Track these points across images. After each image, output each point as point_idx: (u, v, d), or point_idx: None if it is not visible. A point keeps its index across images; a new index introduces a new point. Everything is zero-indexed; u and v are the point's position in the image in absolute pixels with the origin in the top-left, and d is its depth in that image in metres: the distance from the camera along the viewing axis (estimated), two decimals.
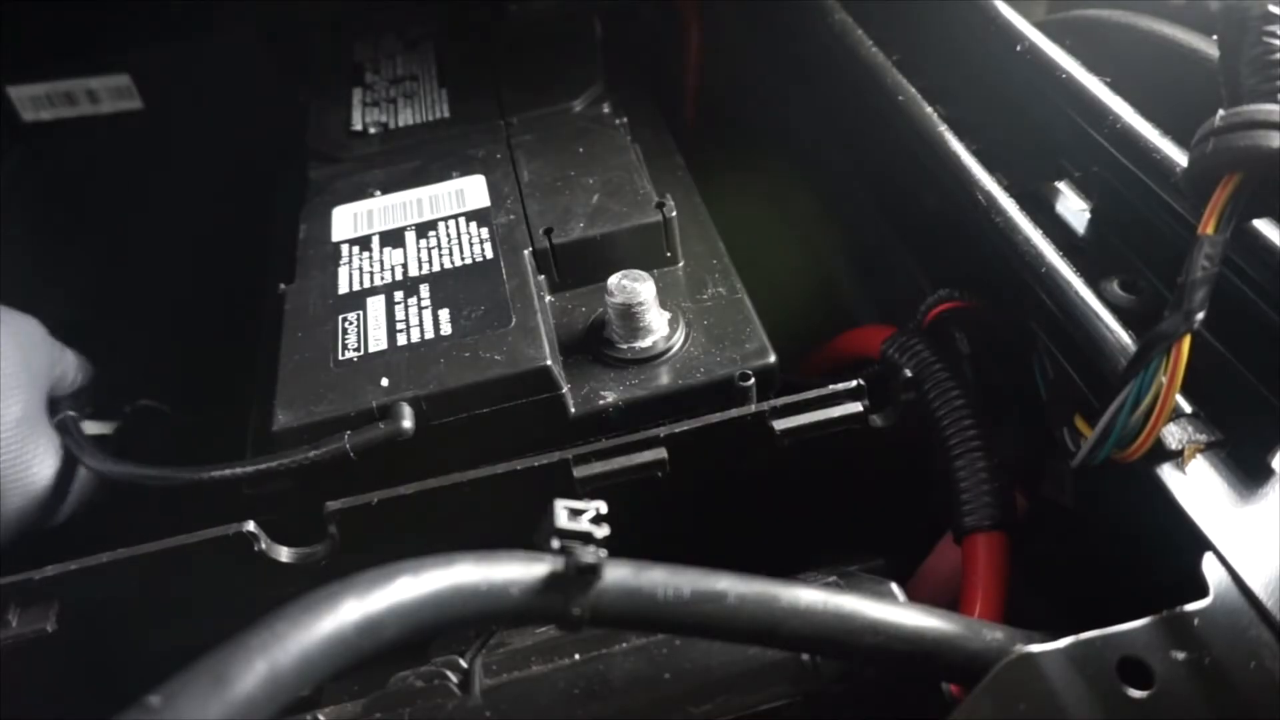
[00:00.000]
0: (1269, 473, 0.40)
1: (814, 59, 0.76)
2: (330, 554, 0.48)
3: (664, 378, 0.54)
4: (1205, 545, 0.38)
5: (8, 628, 0.45)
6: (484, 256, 0.59)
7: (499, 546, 0.33)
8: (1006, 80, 0.62)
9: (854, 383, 0.48)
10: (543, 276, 0.59)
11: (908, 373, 0.52)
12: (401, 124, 0.73)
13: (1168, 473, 0.41)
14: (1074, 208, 0.61)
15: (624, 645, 0.39)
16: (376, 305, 0.57)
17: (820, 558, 0.49)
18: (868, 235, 0.74)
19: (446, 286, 0.57)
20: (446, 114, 0.73)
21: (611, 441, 0.48)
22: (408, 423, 0.50)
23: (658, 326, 0.55)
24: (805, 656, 0.37)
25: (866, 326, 0.61)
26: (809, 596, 0.35)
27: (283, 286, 0.60)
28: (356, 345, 0.55)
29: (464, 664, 0.41)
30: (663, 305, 0.56)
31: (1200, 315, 0.40)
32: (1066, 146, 0.59)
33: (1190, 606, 0.36)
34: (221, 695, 0.27)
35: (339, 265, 0.60)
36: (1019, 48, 0.60)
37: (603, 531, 0.34)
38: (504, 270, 0.58)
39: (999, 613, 0.45)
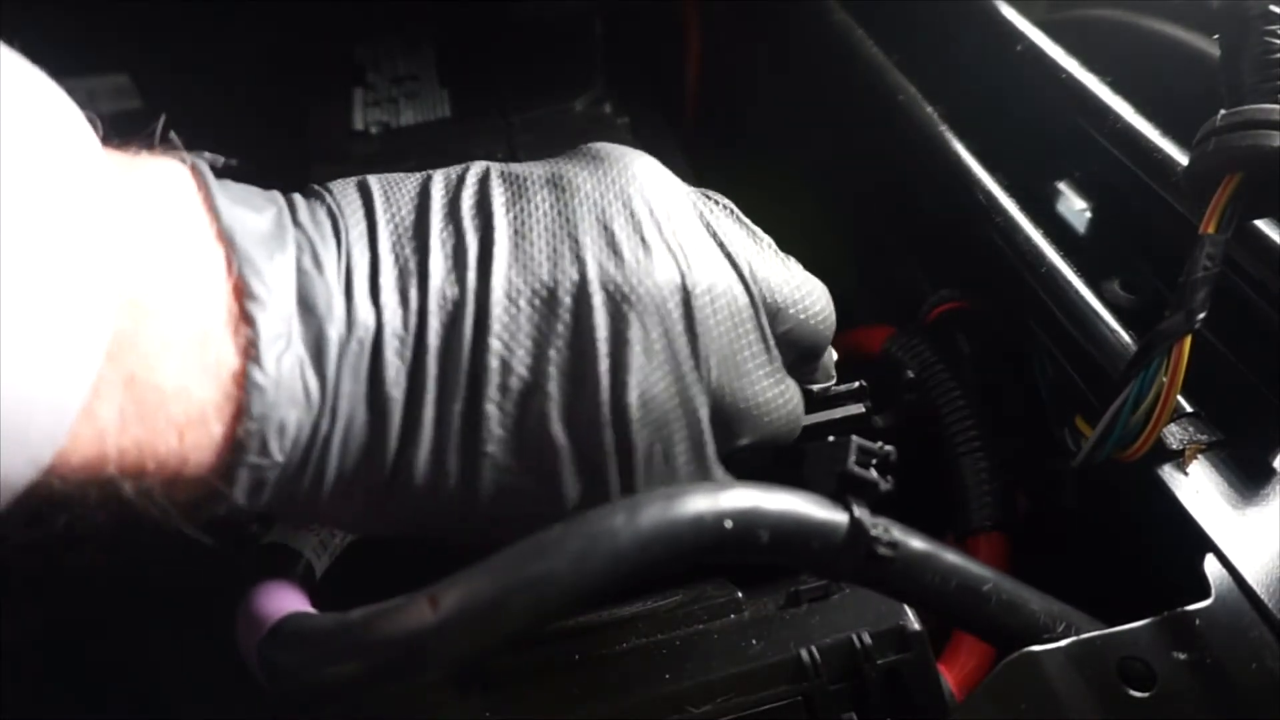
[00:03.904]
0: (1270, 473, 0.40)
1: (814, 59, 0.76)
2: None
3: None
4: (1206, 545, 0.38)
5: (9, 628, 0.45)
6: None
7: None
8: (1006, 80, 0.61)
9: (856, 384, 0.48)
10: None
11: (910, 373, 0.52)
12: (403, 124, 0.73)
13: (1169, 473, 0.41)
14: (1074, 208, 0.61)
15: (624, 645, 0.39)
16: None
17: None
18: (868, 235, 0.74)
19: None
20: (448, 114, 0.73)
21: None
22: None
23: None
24: (805, 657, 0.37)
25: (868, 326, 0.61)
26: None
27: None
28: None
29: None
30: None
31: (1202, 315, 0.40)
32: (1066, 146, 0.59)
33: (1191, 607, 0.36)
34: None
35: None
36: (1019, 47, 0.60)
37: (887, 485, 0.36)
38: None
39: None
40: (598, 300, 0.36)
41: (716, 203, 0.42)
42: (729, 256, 0.39)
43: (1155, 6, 0.64)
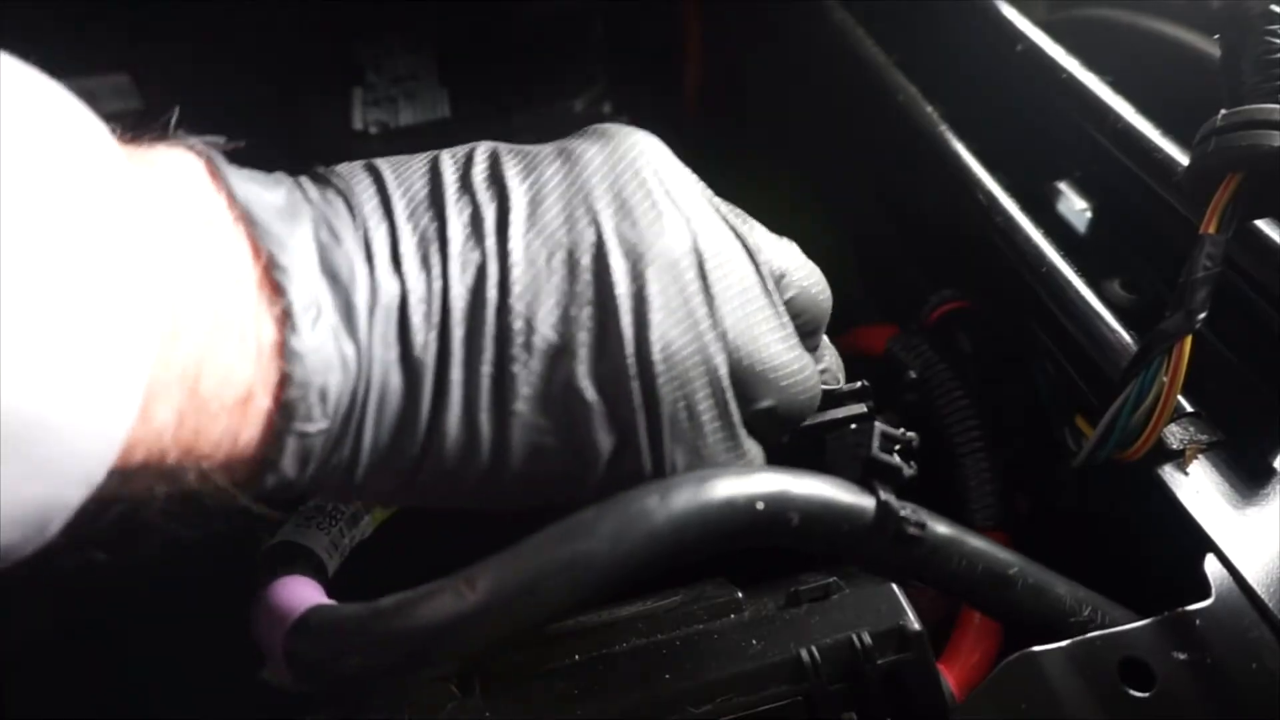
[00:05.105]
0: (1270, 473, 0.40)
1: (814, 58, 0.76)
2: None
3: None
4: (1207, 545, 0.38)
5: (11, 628, 0.45)
6: None
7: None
8: (1007, 80, 0.61)
9: (858, 384, 0.48)
10: None
11: (912, 373, 0.52)
12: (402, 124, 0.73)
13: (1169, 473, 0.41)
14: (1074, 208, 0.61)
15: (624, 645, 0.39)
16: None
17: (821, 558, 0.49)
18: (868, 234, 0.74)
19: None
20: (448, 114, 0.73)
21: None
22: None
23: None
24: (805, 657, 0.37)
25: (869, 326, 0.61)
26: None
27: None
28: None
29: None
30: None
31: (1202, 315, 0.40)
32: (1066, 146, 0.59)
33: (1192, 607, 0.36)
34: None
35: None
36: (1019, 47, 0.60)
37: (910, 470, 0.36)
38: None
39: None
40: (616, 259, 0.37)
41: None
42: (732, 228, 0.40)
43: (1155, 6, 0.64)
